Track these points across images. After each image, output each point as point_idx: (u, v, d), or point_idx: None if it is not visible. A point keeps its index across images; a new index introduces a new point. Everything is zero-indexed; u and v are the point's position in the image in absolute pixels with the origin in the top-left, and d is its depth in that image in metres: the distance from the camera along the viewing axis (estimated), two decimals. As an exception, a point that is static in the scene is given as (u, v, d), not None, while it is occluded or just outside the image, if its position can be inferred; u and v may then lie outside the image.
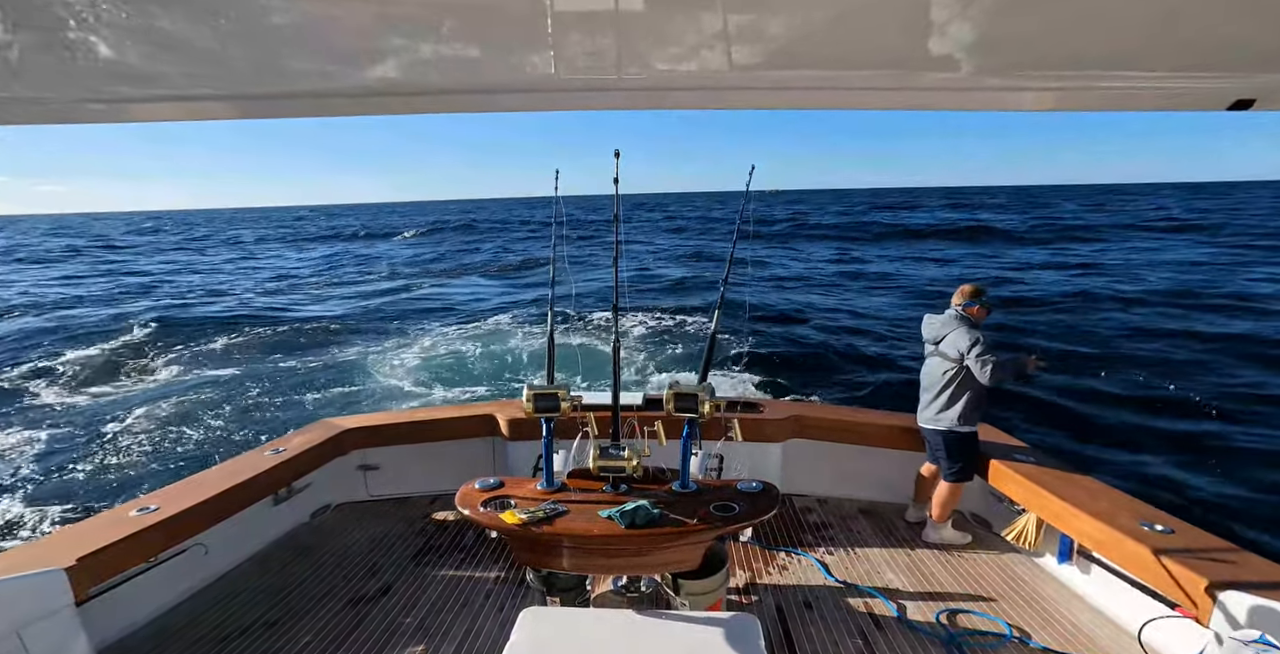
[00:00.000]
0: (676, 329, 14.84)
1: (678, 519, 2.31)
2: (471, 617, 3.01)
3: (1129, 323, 13.90)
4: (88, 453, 8.15)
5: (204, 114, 1.44)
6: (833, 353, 12.55)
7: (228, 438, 8.68)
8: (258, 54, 1.17)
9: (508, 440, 4.22)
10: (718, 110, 1.50)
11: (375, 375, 11.56)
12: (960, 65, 1.17)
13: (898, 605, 3.11)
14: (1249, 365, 10.58)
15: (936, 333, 3.69)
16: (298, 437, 4.04)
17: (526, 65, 1.19)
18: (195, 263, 36.41)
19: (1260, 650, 1.97)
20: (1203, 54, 1.11)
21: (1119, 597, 2.96)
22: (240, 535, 3.54)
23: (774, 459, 4.24)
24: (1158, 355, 11.31)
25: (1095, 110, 1.37)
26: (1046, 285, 18.97)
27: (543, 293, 13.66)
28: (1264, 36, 1.02)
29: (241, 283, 25.95)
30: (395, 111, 1.46)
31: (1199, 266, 21.97)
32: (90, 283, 26.98)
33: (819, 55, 1.16)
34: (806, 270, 24.72)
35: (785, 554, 3.64)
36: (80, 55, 1.11)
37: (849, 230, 42.95)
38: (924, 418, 3.78)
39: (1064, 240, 32.72)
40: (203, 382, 11.54)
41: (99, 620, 2.74)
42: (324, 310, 18.48)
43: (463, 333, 14.94)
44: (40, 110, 1.34)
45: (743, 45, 1.12)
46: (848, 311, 16.46)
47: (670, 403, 2.51)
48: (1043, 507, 3.26)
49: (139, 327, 15.71)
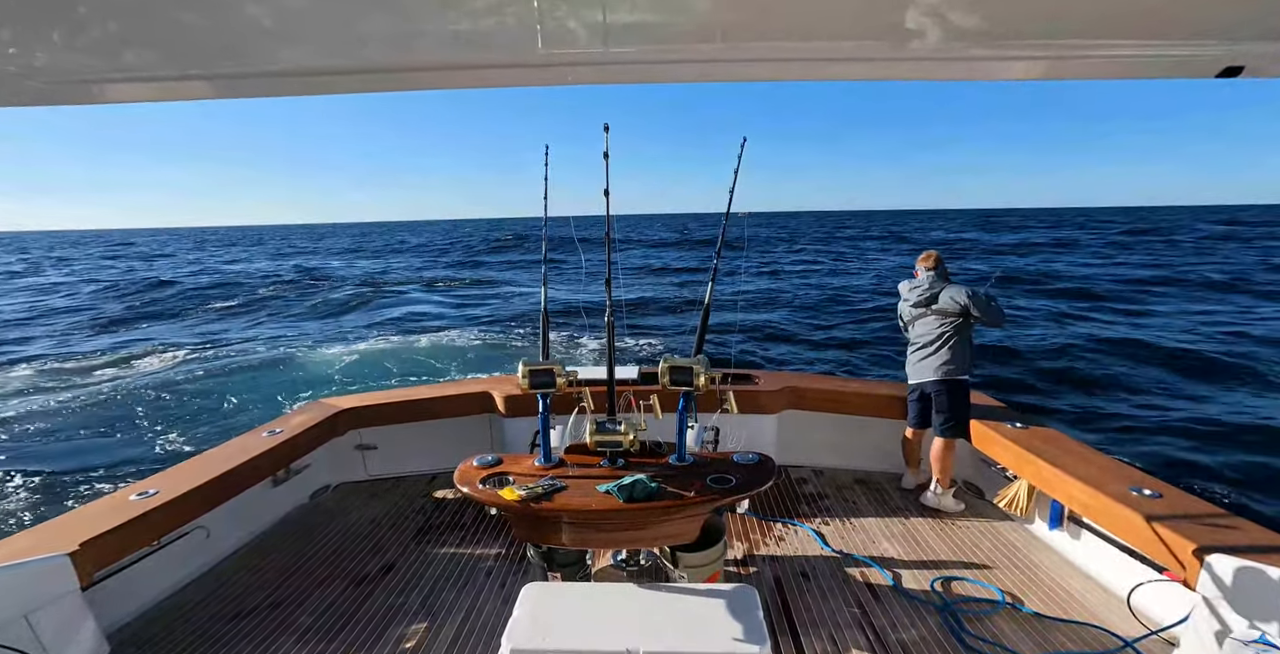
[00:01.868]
0: (668, 305, 14.88)
1: (675, 492, 2.33)
2: (473, 593, 3.05)
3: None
4: (72, 441, 8.16)
5: (186, 94, 1.40)
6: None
7: (221, 420, 8.71)
8: (237, 31, 1.14)
9: (504, 417, 4.24)
10: (706, 84, 1.48)
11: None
12: (948, 35, 1.16)
13: (893, 574, 3.17)
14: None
15: (926, 293, 3.87)
16: (294, 418, 4.04)
17: (511, 39, 1.17)
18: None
19: (1260, 651, 1.99)
20: (1191, 20, 1.10)
21: (1109, 561, 3.02)
22: (241, 517, 3.56)
23: (769, 430, 4.28)
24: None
25: (1084, 78, 1.35)
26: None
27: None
28: (1253, 3, 1.01)
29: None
30: (378, 89, 1.43)
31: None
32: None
33: (807, 26, 1.14)
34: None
35: (782, 525, 3.69)
36: (56, 36, 1.08)
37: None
38: (922, 372, 3.88)
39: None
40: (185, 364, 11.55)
41: (105, 604, 2.76)
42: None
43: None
44: (12, 92, 1.31)
45: (730, 17, 1.10)
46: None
47: (665, 376, 2.51)
48: (1033, 473, 3.31)
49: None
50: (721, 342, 6.73)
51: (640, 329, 14.83)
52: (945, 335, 3.82)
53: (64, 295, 25.75)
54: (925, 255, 4.00)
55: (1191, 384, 9.60)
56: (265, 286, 26.43)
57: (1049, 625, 2.75)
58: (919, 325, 3.95)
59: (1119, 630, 2.68)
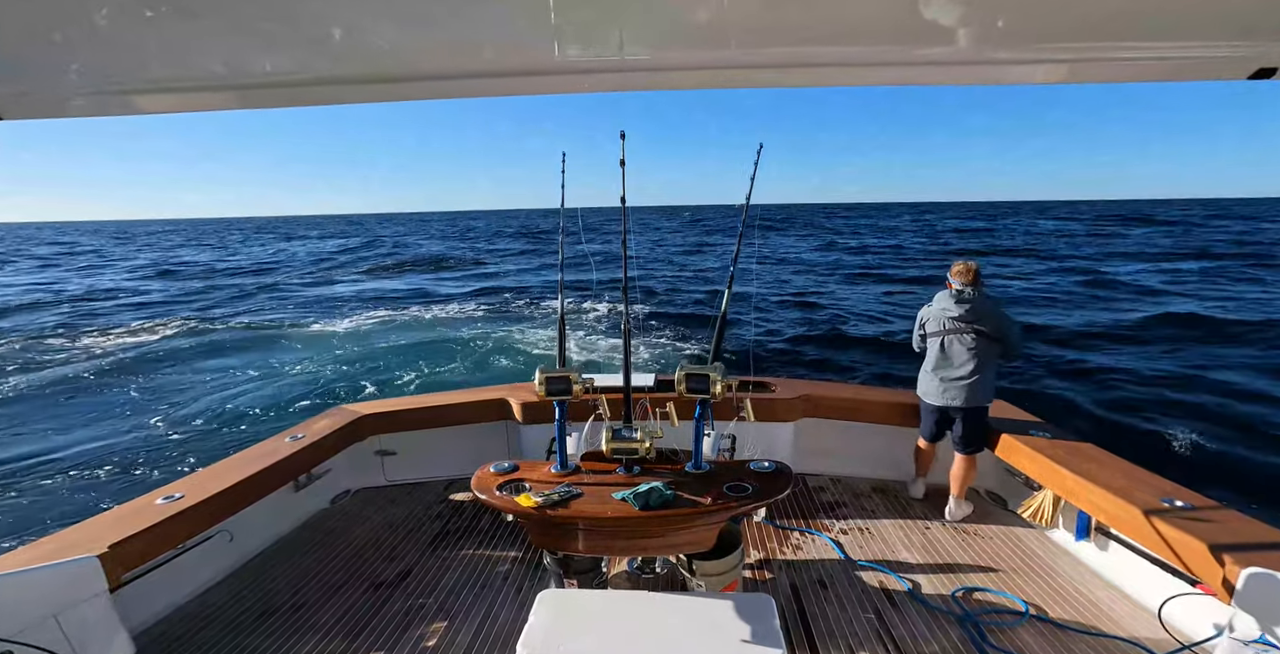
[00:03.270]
0: (685, 312, 14.97)
1: (691, 500, 2.31)
2: (489, 599, 3.06)
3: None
4: (99, 445, 8.37)
5: (205, 105, 1.44)
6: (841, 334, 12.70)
7: (245, 426, 8.86)
8: (255, 42, 1.17)
9: (521, 424, 4.25)
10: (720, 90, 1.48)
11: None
12: (970, 38, 1.14)
13: (913, 583, 3.12)
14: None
15: (974, 313, 3.59)
16: (316, 423, 4.10)
17: (528, 48, 1.18)
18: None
19: (1260, 651, 1.95)
20: (1222, 22, 1.07)
21: (1138, 574, 2.95)
22: (263, 521, 3.61)
23: (786, 439, 4.25)
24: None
25: (1111, 81, 1.33)
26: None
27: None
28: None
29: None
30: (397, 98, 1.45)
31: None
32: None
33: (822, 32, 1.14)
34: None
35: (799, 533, 3.65)
36: (75, 50, 1.12)
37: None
38: (951, 396, 3.66)
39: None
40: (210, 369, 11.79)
41: (132, 606, 2.81)
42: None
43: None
44: (31, 104, 1.35)
45: (745, 23, 1.10)
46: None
47: (682, 384, 2.50)
48: (1059, 483, 3.24)
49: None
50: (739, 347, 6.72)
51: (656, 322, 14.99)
52: (987, 357, 3.59)
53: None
54: (965, 268, 3.65)
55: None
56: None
57: (1074, 638, 2.68)
58: (956, 343, 3.64)
59: (1149, 644, 2.61)
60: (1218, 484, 5.93)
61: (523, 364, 11.64)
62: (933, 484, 4.04)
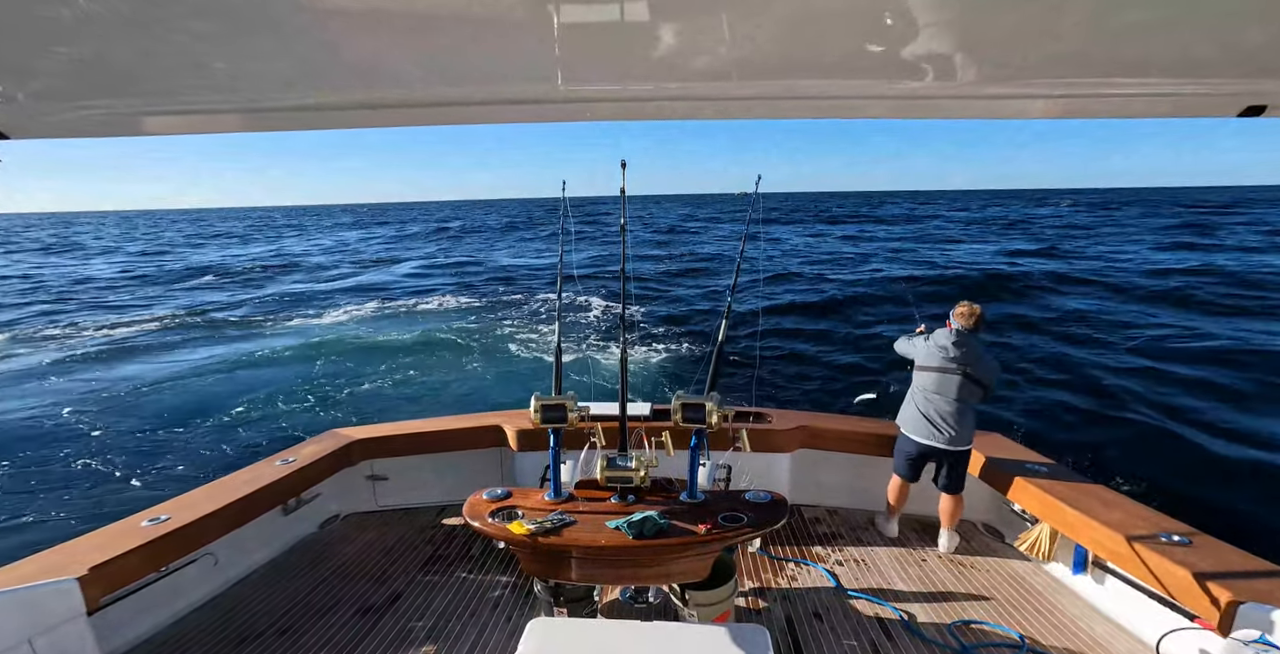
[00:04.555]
0: (683, 338, 14.94)
1: (686, 529, 2.30)
2: (479, 627, 3.00)
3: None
4: (86, 463, 8.26)
5: (211, 127, 1.46)
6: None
7: (235, 447, 8.77)
8: (262, 68, 1.19)
9: (515, 451, 4.22)
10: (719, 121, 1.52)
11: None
12: (967, 74, 1.17)
13: (908, 616, 3.08)
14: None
15: (970, 356, 3.56)
16: (307, 447, 4.06)
17: (531, 77, 1.21)
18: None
19: (1260, 651, 1.94)
20: (1212, 60, 1.09)
21: (1136, 608, 2.92)
22: (250, 545, 3.55)
23: (782, 469, 4.22)
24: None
25: (1104, 117, 1.36)
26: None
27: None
28: (1275, 41, 1.01)
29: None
30: (400, 123, 1.48)
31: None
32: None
33: (824, 66, 1.16)
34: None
35: (794, 564, 3.61)
36: (89, 70, 1.14)
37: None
38: (935, 436, 3.59)
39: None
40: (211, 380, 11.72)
41: (110, 630, 2.75)
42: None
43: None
44: (48, 124, 1.37)
45: (746, 56, 1.13)
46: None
47: (678, 413, 2.50)
48: (1056, 517, 3.23)
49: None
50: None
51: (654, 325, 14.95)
52: (970, 404, 3.58)
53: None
54: (969, 312, 3.59)
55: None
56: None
57: None
58: (943, 383, 3.59)
59: None
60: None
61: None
62: (911, 515, 4.01)
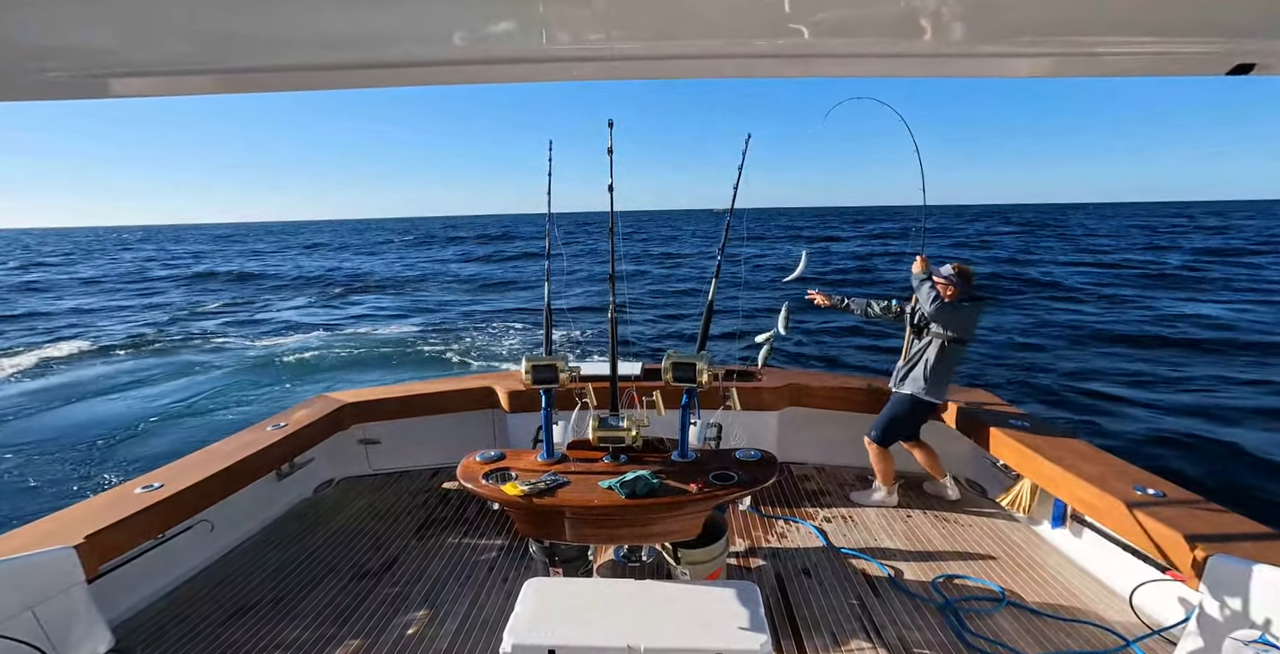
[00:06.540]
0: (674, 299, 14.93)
1: (677, 488, 2.32)
2: (475, 588, 3.06)
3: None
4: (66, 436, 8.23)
5: (186, 88, 1.40)
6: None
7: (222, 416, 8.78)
8: (238, 26, 1.14)
9: (507, 412, 4.24)
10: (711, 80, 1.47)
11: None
12: (954, 32, 1.15)
13: (894, 571, 3.17)
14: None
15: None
16: (298, 412, 4.05)
17: (515, 34, 1.16)
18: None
19: (1260, 651, 1.99)
20: (1201, 18, 1.08)
21: (1111, 561, 3.02)
22: (245, 511, 3.57)
23: (772, 427, 4.28)
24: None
25: (1092, 76, 1.34)
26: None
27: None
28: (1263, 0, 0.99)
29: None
30: (381, 84, 1.42)
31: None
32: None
33: (812, 22, 1.13)
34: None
35: (784, 522, 3.69)
36: (60, 30, 1.08)
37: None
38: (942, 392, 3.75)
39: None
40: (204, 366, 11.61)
41: (109, 597, 2.78)
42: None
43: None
44: (16, 86, 1.31)
45: (736, 12, 1.09)
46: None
47: (668, 372, 2.51)
48: (1036, 471, 3.30)
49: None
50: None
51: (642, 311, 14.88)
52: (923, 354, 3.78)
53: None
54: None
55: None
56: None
57: (1050, 624, 2.75)
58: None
59: (1121, 629, 2.68)
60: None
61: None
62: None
